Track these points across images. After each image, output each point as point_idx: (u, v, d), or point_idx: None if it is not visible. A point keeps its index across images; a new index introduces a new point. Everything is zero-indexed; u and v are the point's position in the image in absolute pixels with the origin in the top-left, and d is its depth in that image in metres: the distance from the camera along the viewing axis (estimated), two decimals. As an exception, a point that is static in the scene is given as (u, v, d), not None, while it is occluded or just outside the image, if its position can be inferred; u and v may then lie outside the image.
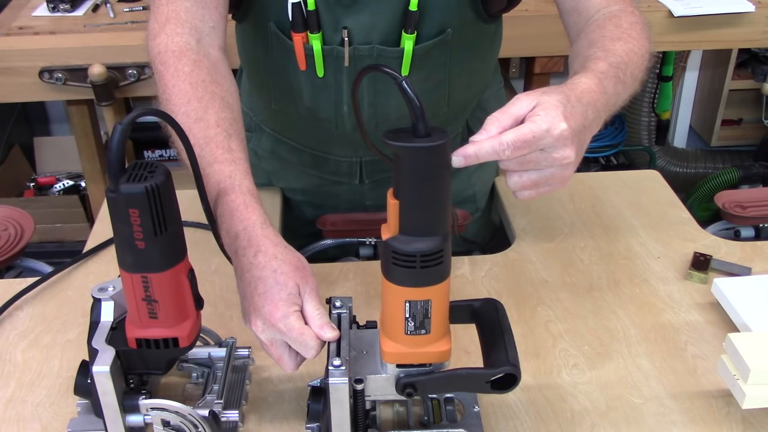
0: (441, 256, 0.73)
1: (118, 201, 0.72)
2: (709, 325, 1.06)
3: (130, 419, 0.83)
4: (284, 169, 1.31)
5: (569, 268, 1.18)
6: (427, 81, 1.11)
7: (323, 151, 1.21)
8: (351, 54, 1.06)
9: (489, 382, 0.77)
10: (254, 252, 0.81)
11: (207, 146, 0.87)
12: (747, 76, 3.02)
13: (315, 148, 1.22)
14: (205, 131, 0.88)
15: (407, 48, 1.05)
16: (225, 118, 0.90)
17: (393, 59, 1.06)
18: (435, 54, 1.08)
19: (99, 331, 0.82)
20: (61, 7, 2.24)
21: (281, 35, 1.07)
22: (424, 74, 1.10)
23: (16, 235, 1.29)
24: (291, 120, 1.19)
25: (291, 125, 1.21)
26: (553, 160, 0.79)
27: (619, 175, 1.43)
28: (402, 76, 0.69)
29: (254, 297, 0.80)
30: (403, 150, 0.69)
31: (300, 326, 0.78)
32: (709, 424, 0.91)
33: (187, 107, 0.90)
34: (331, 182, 1.28)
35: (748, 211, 1.31)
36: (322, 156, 1.22)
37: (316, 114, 1.14)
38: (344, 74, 1.09)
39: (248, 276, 0.81)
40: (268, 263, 0.80)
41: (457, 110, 1.22)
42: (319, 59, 1.07)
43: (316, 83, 1.10)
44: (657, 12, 2.25)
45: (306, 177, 1.27)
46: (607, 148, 2.93)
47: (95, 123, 2.34)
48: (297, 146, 1.23)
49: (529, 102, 0.79)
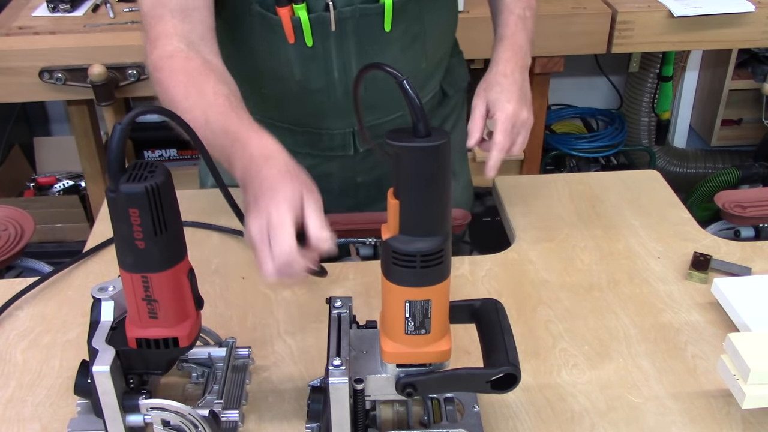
0: (441, 256, 0.73)
1: (118, 201, 0.72)
2: (709, 325, 1.06)
3: (130, 419, 0.83)
4: None
5: (569, 268, 1.18)
6: (406, 35, 1.17)
7: (316, 127, 1.25)
8: (336, 18, 1.11)
9: (489, 382, 0.77)
10: (266, 158, 0.88)
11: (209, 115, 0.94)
12: (747, 76, 3.02)
13: (308, 126, 1.25)
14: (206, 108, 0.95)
15: (387, 3, 1.12)
16: (221, 91, 0.97)
17: (375, 15, 1.13)
18: (410, 7, 1.15)
19: (99, 331, 0.82)
20: (61, 7, 2.25)
21: (266, 13, 1.12)
22: (403, 28, 1.16)
23: (16, 235, 1.29)
24: (282, 100, 1.23)
25: (283, 106, 1.24)
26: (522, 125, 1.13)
27: (619, 175, 1.43)
28: (403, 76, 0.69)
29: (258, 195, 0.84)
30: (403, 150, 0.69)
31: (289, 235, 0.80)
32: (709, 424, 0.91)
33: (187, 99, 0.96)
34: (325, 159, 1.30)
35: (748, 211, 1.31)
36: (315, 132, 1.26)
37: (308, 86, 1.18)
38: (331, 40, 1.13)
39: (258, 177, 0.86)
40: (278, 166, 0.86)
41: (433, 67, 1.29)
42: (307, 29, 1.12)
43: (305, 54, 1.14)
44: (657, 12, 2.25)
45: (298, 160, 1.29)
46: (607, 148, 2.93)
47: (95, 123, 2.34)
48: (289, 127, 1.26)
49: (482, 104, 1.12)
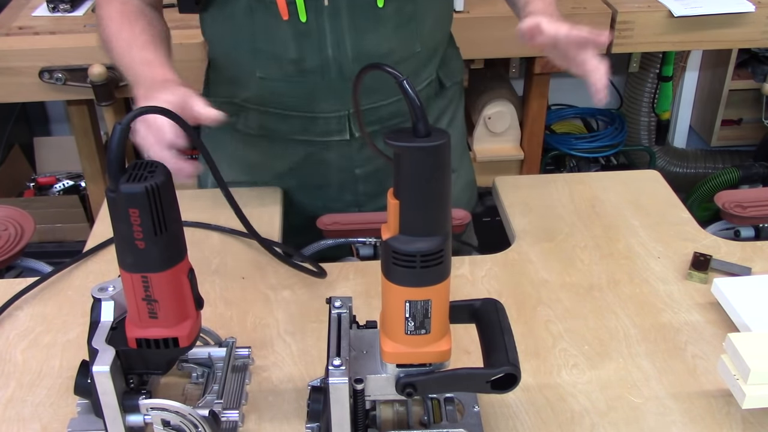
0: (441, 256, 0.73)
1: (118, 201, 0.72)
2: (709, 325, 1.06)
3: (130, 419, 0.83)
4: (271, 148, 1.33)
5: (569, 268, 1.18)
6: (399, 13, 1.17)
7: (311, 111, 1.25)
8: None
9: (489, 382, 0.77)
10: (164, 81, 1.02)
11: (130, 49, 1.09)
12: (747, 76, 3.02)
13: (303, 110, 1.25)
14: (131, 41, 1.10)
15: None
16: (148, 31, 1.11)
17: None
18: None
19: (99, 331, 0.82)
20: (61, 7, 2.24)
21: None
22: (395, 5, 1.16)
23: (16, 235, 1.29)
24: (277, 84, 1.23)
25: (278, 91, 1.24)
26: None
27: (619, 175, 1.43)
28: (403, 76, 0.69)
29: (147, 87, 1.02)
30: (403, 150, 0.69)
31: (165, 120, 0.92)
32: (709, 424, 0.91)
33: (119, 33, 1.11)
34: (322, 147, 1.30)
35: (748, 211, 1.31)
36: (310, 117, 1.26)
37: (303, 66, 1.19)
38: (325, 15, 1.14)
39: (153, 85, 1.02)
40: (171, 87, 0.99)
41: (428, 53, 1.28)
42: (301, 4, 1.13)
43: (299, 30, 1.15)
44: (657, 12, 2.25)
45: (294, 148, 1.30)
46: (607, 148, 2.93)
47: (95, 123, 2.33)
48: (285, 113, 1.27)
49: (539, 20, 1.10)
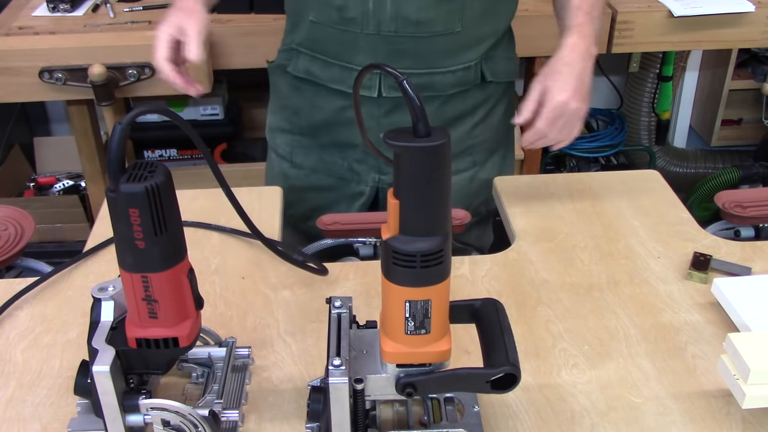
0: (441, 256, 0.73)
1: (118, 201, 0.72)
2: (709, 325, 1.06)
3: (130, 419, 0.82)
4: (313, 96, 1.40)
5: (569, 268, 1.18)
6: None
7: (349, 62, 1.31)
8: None
9: (489, 382, 0.77)
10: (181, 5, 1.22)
11: None
12: (747, 76, 3.02)
13: (342, 59, 1.32)
14: None
15: None
16: None
17: None
18: None
19: (99, 331, 0.82)
20: (61, 7, 2.24)
21: None
22: None
23: (16, 235, 1.29)
24: (324, 30, 1.30)
25: (324, 37, 1.31)
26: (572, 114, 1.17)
27: (619, 175, 1.43)
28: (403, 76, 0.69)
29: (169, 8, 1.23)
30: (403, 150, 0.69)
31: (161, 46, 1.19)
32: (709, 424, 0.91)
33: None
34: None
35: (748, 211, 1.31)
36: (347, 67, 1.32)
37: (345, 14, 1.25)
38: None
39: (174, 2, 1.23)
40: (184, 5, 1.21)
41: (470, 39, 1.30)
42: None
43: None
44: (657, 12, 2.25)
45: (331, 99, 1.38)
46: (607, 148, 2.93)
47: (95, 123, 2.33)
48: (327, 60, 1.33)
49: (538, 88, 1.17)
